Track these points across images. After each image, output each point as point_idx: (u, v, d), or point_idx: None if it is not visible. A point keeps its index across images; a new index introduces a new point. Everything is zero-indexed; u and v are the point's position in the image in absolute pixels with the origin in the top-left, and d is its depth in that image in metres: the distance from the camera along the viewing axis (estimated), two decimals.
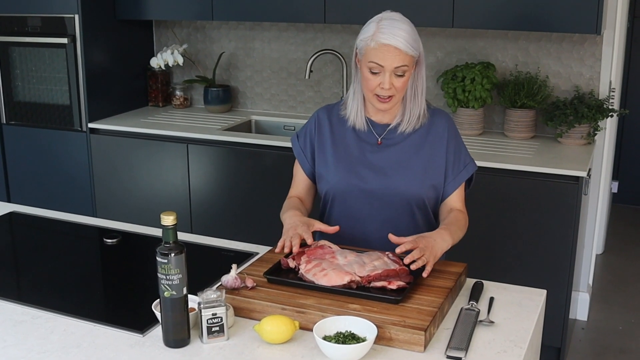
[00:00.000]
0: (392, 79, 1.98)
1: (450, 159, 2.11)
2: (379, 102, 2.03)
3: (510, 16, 3.09)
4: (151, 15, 3.84)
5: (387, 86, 1.98)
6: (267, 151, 3.41)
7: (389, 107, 2.04)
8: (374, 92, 2.01)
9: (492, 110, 3.55)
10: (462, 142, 2.17)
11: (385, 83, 1.97)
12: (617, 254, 4.57)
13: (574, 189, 2.92)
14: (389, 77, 1.97)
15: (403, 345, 1.58)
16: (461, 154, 2.14)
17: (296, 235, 1.91)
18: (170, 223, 1.55)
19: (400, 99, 2.07)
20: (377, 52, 1.96)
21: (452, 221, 2.05)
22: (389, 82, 1.97)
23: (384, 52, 1.95)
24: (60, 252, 2.26)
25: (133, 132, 3.69)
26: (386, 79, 1.97)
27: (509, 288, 1.91)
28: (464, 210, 2.15)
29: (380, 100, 2.02)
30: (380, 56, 1.96)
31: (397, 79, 1.99)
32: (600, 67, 3.34)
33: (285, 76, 3.97)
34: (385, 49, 1.95)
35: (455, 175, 2.12)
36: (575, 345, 3.47)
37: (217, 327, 1.61)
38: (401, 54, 1.95)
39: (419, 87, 2.08)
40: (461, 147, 2.15)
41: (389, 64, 1.96)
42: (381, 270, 1.79)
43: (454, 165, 2.12)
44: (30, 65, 3.85)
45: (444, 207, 2.14)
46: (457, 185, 2.13)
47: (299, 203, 2.17)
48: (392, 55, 1.95)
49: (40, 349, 1.61)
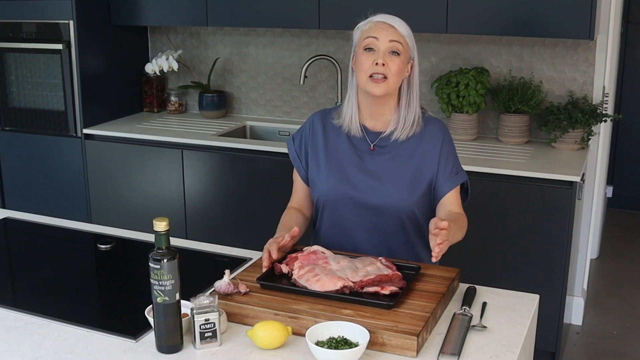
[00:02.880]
0: (387, 57, 2.00)
1: (443, 163, 2.09)
2: (373, 84, 2.01)
3: (504, 22, 3.10)
4: (146, 21, 3.85)
5: (382, 61, 1.99)
6: (262, 157, 3.41)
7: (383, 90, 2.01)
8: (368, 73, 2.01)
9: (486, 115, 3.56)
10: (455, 152, 2.15)
11: (379, 58, 1.99)
12: (611, 258, 4.58)
13: (567, 194, 2.92)
14: (384, 53, 2.00)
15: (395, 350, 1.59)
16: (454, 161, 2.12)
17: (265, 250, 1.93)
18: (162, 229, 1.56)
19: (393, 87, 2.04)
20: (372, 29, 2.03)
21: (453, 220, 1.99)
22: (383, 59, 1.99)
23: (379, 27, 2.02)
24: (54, 258, 2.26)
25: (128, 137, 3.69)
26: (380, 54, 2.00)
27: (502, 293, 1.91)
28: (463, 213, 2.13)
29: (374, 81, 2.01)
30: (375, 30, 2.02)
31: (391, 58, 2.00)
32: (593, 72, 3.35)
33: (280, 82, 3.98)
34: (381, 25, 2.02)
35: (448, 177, 2.09)
36: (569, 350, 3.47)
37: (210, 332, 1.61)
38: (396, 31, 2.01)
39: (413, 93, 2.09)
40: (454, 155, 2.14)
41: (383, 36, 2.00)
42: (374, 275, 1.79)
43: (445, 168, 2.09)
44: (25, 71, 3.85)
45: (441, 208, 2.10)
46: (452, 187, 2.09)
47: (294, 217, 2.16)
48: (387, 30, 2.01)
49: (34, 355, 1.61)
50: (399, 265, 1.90)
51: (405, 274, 1.86)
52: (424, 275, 1.87)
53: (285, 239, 1.94)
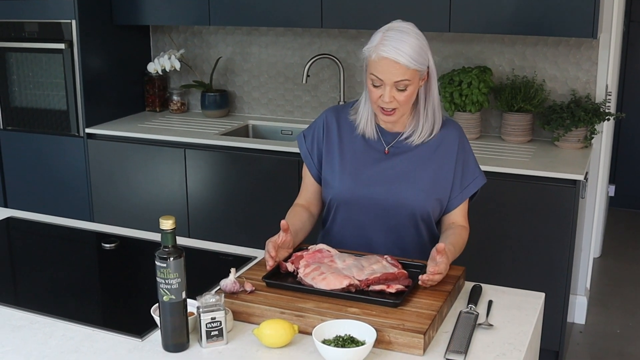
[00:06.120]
0: (394, 92, 1.95)
1: (459, 172, 2.08)
2: (383, 115, 2.00)
3: (507, 20, 3.10)
4: (148, 21, 3.85)
5: (387, 99, 1.95)
6: (265, 156, 3.41)
7: (394, 119, 2.01)
8: (377, 104, 1.99)
9: (489, 114, 3.55)
10: (472, 155, 2.13)
11: (385, 96, 1.95)
12: (614, 257, 4.58)
13: (571, 193, 2.92)
14: (390, 90, 1.94)
15: (402, 348, 1.58)
16: (470, 167, 2.11)
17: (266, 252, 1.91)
18: (169, 227, 1.55)
19: (407, 111, 2.03)
20: (377, 65, 1.93)
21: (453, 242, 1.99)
22: (390, 96, 1.94)
23: (383, 65, 1.92)
24: (58, 257, 2.26)
25: (130, 137, 3.69)
26: (386, 93, 1.94)
27: (508, 291, 1.91)
28: (467, 225, 2.12)
29: (384, 113, 1.99)
30: (380, 69, 1.93)
31: (398, 93, 1.95)
32: (596, 71, 3.35)
33: (282, 81, 3.98)
34: (385, 63, 1.91)
35: (462, 189, 2.09)
36: (573, 348, 3.47)
37: (216, 331, 1.61)
38: (402, 68, 1.91)
39: (430, 101, 2.04)
40: (470, 160, 2.11)
41: (388, 78, 1.93)
42: (380, 273, 1.79)
43: (462, 178, 2.09)
44: (28, 70, 3.85)
45: (446, 220, 2.12)
46: (463, 200, 2.10)
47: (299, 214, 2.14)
48: (392, 70, 1.91)
49: (39, 354, 1.61)
50: (405, 264, 1.90)
51: (411, 272, 1.85)
52: None
53: (280, 237, 1.93)
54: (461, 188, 2.09)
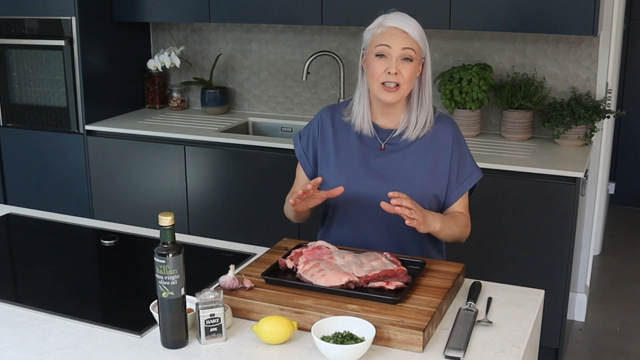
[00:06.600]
0: (399, 64, 1.97)
1: (455, 168, 2.09)
2: (385, 92, 2.00)
3: (507, 18, 3.10)
4: (148, 18, 3.84)
5: (394, 70, 1.96)
6: (264, 153, 3.41)
7: (395, 98, 2.01)
8: (380, 81, 1.99)
9: (489, 111, 3.55)
10: (467, 150, 2.14)
11: (392, 67, 1.96)
12: (614, 255, 4.58)
13: (571, 190, 2.92)
14: (396, 61, 1.97)
15: (401, 345, 1.58)
16: (466, 162, 2.12)
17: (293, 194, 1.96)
18: (168, 223, 1.55)
19: (406, 93, 2.03)
20: (385, 35, 1.98)
21: (450, 215, 2.07)
22: (396, 67, 1.96)
23: (391, 34, 1.98)
24: (57, 254, 2.26)
25: (130, 134, 3.69)
26: (393, 63, 1.97)
27: (507, 288, 1.91)
28: (467, 214, 2.14)
29: (387, 90, 1.99)
30: (388, 37, 1.98)
31: (403, 65, 1.97)
32: (596, 69, 3.34)
33: (282, 78, 3.98)
34: (393, 31, 1.98)
35: (458, 184, 2.10)
36: (572, 346, 3.47)
37: (215, 327, 1.60)
38: (409, 37, 1.97)
39: (425, 93, 2.06)
40: (466, 155, 2.13)
41: (396, 44, 1.97)
42: (379, 270, 1.79)
43: (458, 174, 2.10)
44: (27, 67, 3.84)
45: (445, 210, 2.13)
46: (460, 195, 2.11)
47: None
48: (399, 37, 1.97)
49: (38, 350, 1.61)
50: (404, 261, 1.90)
51: (410, 269, 1.85)
52: (429, 271, 1.87)
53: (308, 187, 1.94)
54: (457, 183, 2.10)
